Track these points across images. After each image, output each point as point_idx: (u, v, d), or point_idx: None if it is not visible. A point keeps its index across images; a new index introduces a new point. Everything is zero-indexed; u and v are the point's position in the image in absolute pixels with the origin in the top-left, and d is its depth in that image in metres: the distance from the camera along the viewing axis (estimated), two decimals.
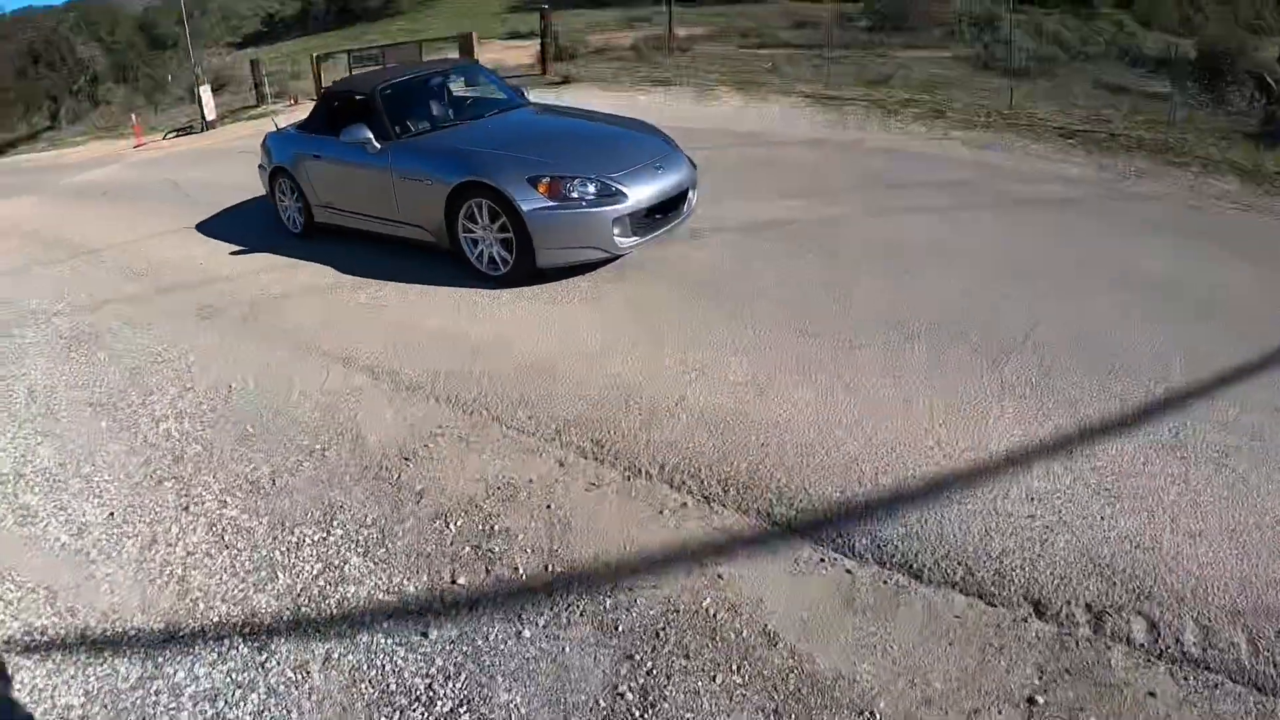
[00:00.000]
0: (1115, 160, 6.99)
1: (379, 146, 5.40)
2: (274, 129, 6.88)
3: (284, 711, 2.44)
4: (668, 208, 5.09)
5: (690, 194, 5.32)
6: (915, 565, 2.71)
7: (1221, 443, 3.17)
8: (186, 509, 3.48)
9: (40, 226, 9.09)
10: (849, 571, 2.72)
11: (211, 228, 7.52)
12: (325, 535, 3.20)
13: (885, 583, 2.66)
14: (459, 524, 3.16)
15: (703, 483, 3.16)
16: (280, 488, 3.53)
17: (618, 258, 5.08)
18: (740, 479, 3.15)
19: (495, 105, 6.24)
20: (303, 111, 9.37)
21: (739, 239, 5.53)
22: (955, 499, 2.96)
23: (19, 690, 2.62)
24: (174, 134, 15.94)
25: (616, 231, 4.74)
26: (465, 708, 2.39)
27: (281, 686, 2.52)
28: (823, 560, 2.77)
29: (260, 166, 6.83)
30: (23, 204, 10.85)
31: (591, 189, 4.71)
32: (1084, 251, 5.04)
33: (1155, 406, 3.45)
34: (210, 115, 15.30)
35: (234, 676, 2.58)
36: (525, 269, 4.88)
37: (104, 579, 3.11)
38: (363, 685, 2.51)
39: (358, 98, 5.80)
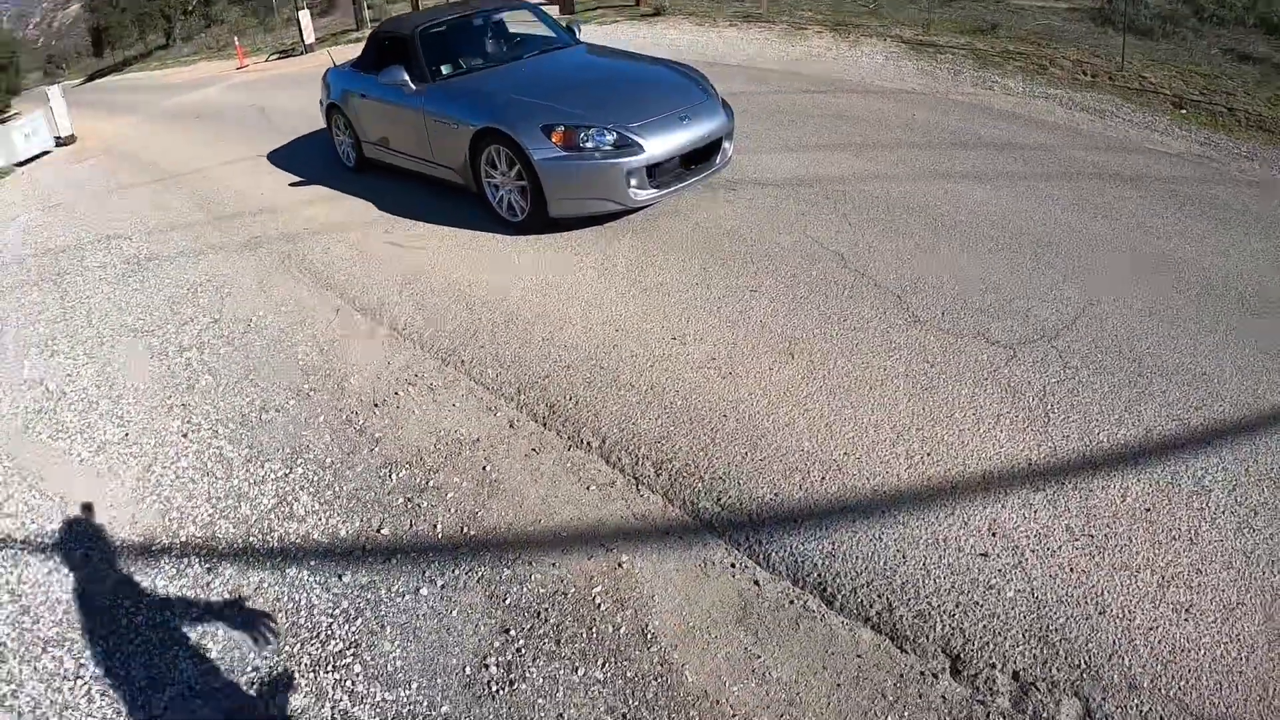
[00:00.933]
0: (1226, 137, 6.09)
1: (414, 88, 5.48)
2: (332, 64, 7.08)
3: (215, 629, 2.72)
4: (696, 159, 4.91)
5: (725, 145, 5.09)
6: (830, 589, 2.51)
7: (1254, 498, 2.69)
8: (185, 435, 3.81)
9: (134, 148, 9.90)
10: (756, 583, 2.58)
11: (281, 157, 7.92)
12: (288, 472, 3.45)
13: (791, 602, 2.50)
14: (401, 475, 3.29)
15: (638, 462, 3.10)
16: (264, 423, 3.78)
17: (635, 210, 4.96)
18: (676, 464, 3.06)
19: (539, 45, 6.16)
20: None
21: (773, 195, 5.27)
22: (901, 520, 2.70)
23: (25, 585, 3.06)
24: (275, 56, 16.73)
25: (633, 183, 4.62)
26: (351, 651, 2.57)
27: (219, 606, 2.81)
28: (733, 566, 2.65)
29: (320, 101, 7.07)
30: (125, 123, 11.83)
31: (609, 138, 4.58)
32: (1155, 241, 4.41)
33: (1186, 442, 2.97)
34: (309, 39, 15.89)
35: (184, 592, 2.89)
36: (540, 218, 4.87)
37: (107, 494, 3.51)
38: (279, 615, 2.75)
39: (401, 37, 5.86)
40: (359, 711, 2.38)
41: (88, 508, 3.40)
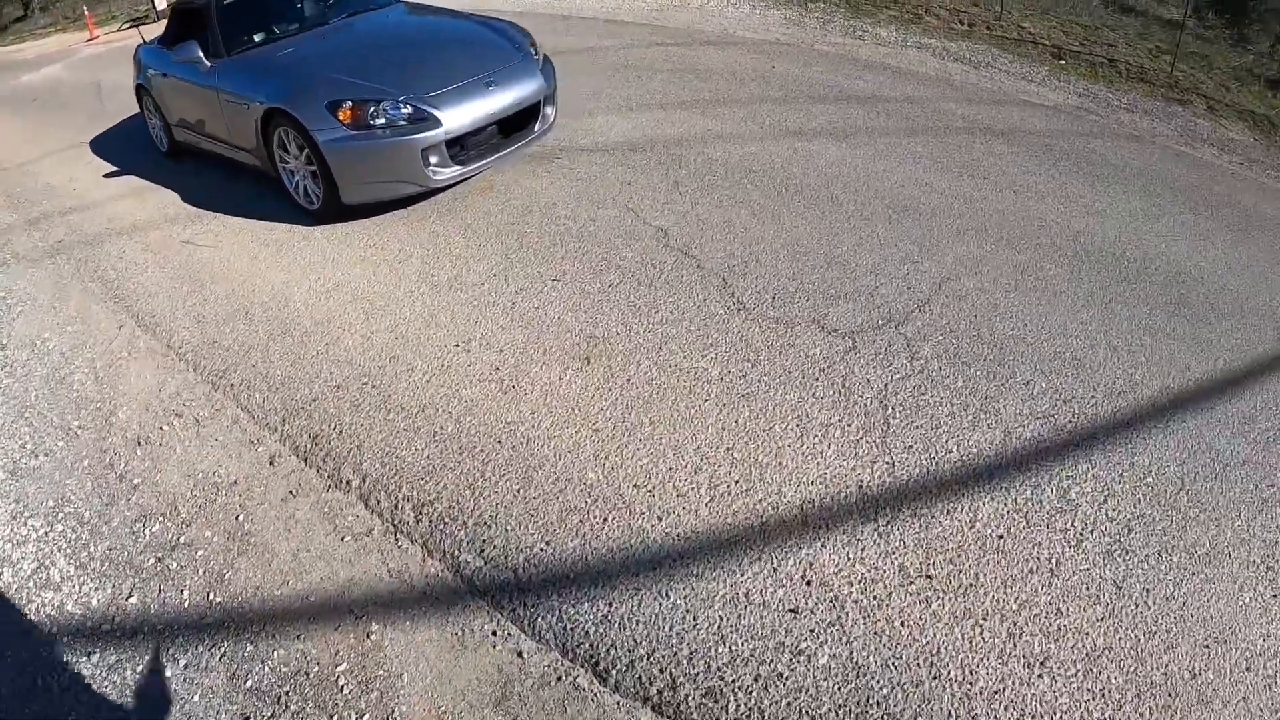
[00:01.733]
0: (1106, 89, 5.73)
1: (208, 65, 4.76)
2: (142, 40, 6.22)
3: None
4: (511, 128, 4.34)
5: (546, 110, 4.53)
6: (604, 662, 2.09)
7: (1127, 510, 2.31)
8: None
9: None
10: (520, 655, 2.16)
11: (102, 144, 7.08)
12: (49, 530, 2.93)
13: (559, 679, 2.08)
14: (154, 529, 2.82)
15: (397, 505, 2.65)
16: (31, 471, 3.25)
17: (441, 190, 4.39)
18: (439, 506, 2.62)
19: (351, 7, 5.39)
20: None
21: (600, 163, 4.74)
22: (695, 571, 2.26)
23: None
24: (127, 25, 15.11)
25: (433, 161, 4.05)
26: None
27: None
28: (494, 634, 2.23)
29: (134, 81, 6.25)
30: None
31: (404, 112, 3.99)
32: (1026, 202, 4.01)
33: (1051, 446, 2.56)
34: (161, 4, 14.35)
35: None
36: (334, 206, 4.27)
37: None
38: (31, 707, 2.30)
39: (196, 9, 5.08)
40: None
41: None
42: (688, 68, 6.22)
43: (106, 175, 6.11)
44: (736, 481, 2.52)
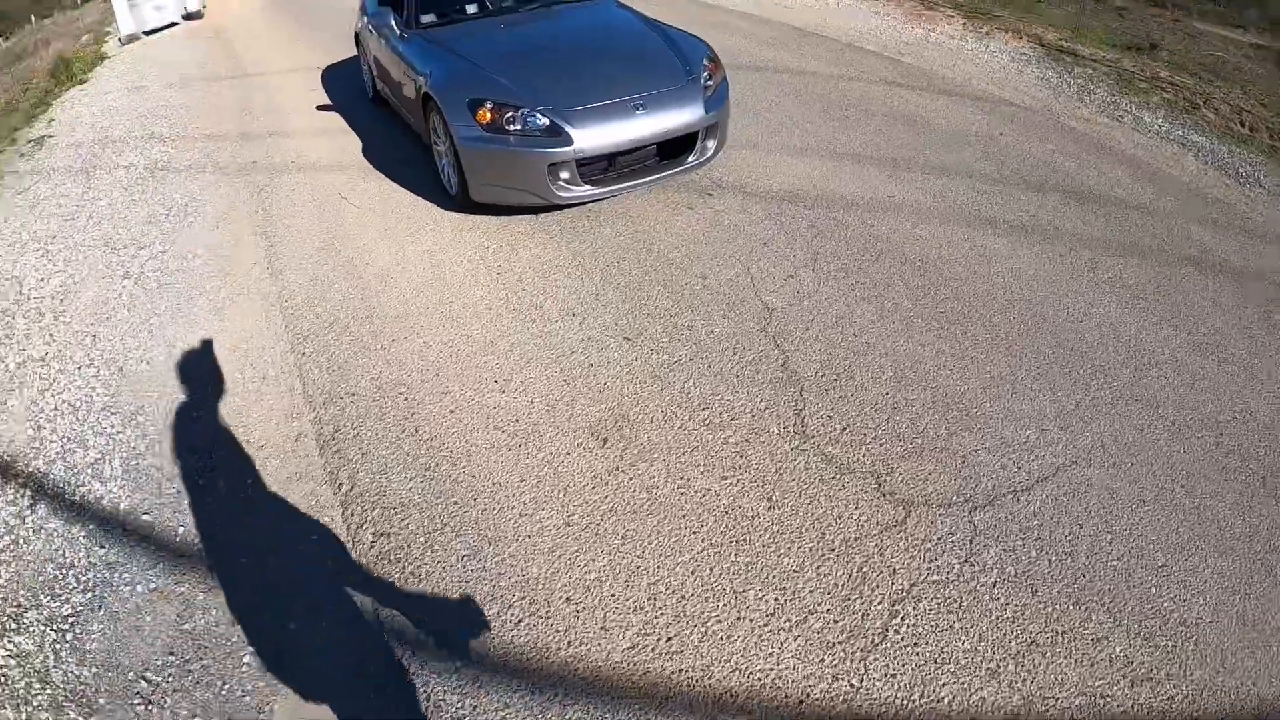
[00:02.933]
0: None
1: (399, 33, 5.40)
2: None
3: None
4: (665, 153, 4.54)
5: (706, 143, 4.64)
6: None
7: None
8: (80, 368, 4.07)
9: (240, 35, 10.55)
10: None
11: (331, 73, 8.17)
12: (121, 430, 3.61)
13: None
14: (189, 462, 3.35)
15: (363, 524, 2.96)
16: (132, 374, 3.97)
17: (569, 206, 4.67)
18: (393, 542, 2.87)
19: None
20: None
21: (749, 211, 4.75)
22: (570, 719, 2.26)
23: None
24: None
25: (563, 178, 4.32)
26: (74, 619, 2.76)
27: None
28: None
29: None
30: (250, 4, 12.51)
31: (541, 123, 4.28)
32: (1224, 376, 3.43)
33: None
34: None
35: None
36: (466, 198, 4.69)
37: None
38: (47, 565, 2.98)
39: None
40: (56, 673, 2.58)
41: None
42: (903, 116, 6.00)
43: (319, 107, 7.10)
44: (669, 639, 2.42)
